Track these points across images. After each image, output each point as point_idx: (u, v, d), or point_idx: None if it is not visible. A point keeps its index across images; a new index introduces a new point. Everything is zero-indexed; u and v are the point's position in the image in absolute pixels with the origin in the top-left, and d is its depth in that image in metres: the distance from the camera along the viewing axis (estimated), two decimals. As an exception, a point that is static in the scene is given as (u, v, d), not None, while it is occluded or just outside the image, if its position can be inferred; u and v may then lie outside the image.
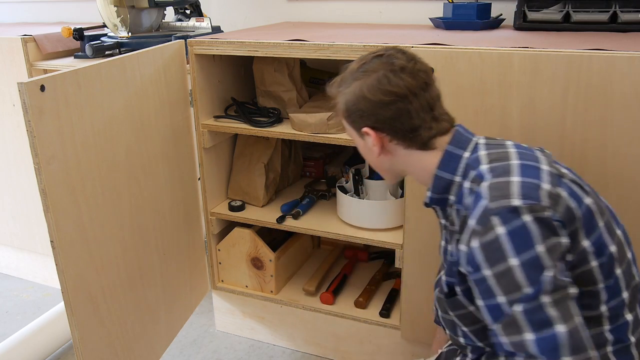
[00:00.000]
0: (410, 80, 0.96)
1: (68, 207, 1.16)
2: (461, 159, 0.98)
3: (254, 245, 1.80)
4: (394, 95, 0.96)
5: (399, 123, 0.98)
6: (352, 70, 1.03)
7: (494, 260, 0.83)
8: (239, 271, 1.86)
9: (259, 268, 1.83)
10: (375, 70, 0.98)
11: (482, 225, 0.84)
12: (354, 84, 1.00)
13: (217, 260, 1.88)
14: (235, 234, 1.81)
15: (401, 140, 1.00)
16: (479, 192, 0.88)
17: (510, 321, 0.83)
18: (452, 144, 0.99)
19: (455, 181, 0.98)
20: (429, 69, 1.01)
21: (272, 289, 1.84)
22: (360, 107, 0.99)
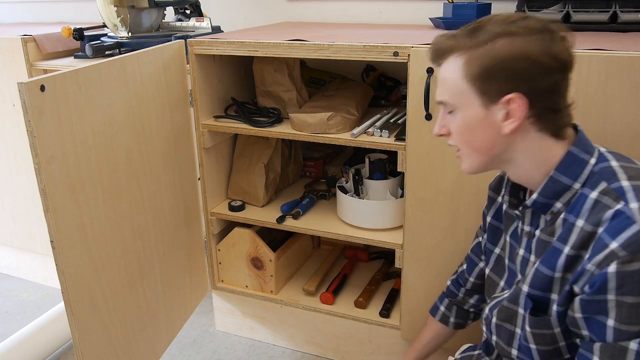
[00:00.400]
0: (570, 53, 0.84)
1: (68, 207, 1.16)
2: (586, 165, 0.87)
3: (254, 245, 1.80)
4: (560, 63, 0.83)
5: (549, 98, 0.85)
6: (499, 22, 0.84)
7: (630, 290, 0.76)
8: (239, 271, 1.86)
9: (259, 268, 1.83)
10: (539, 31, 0.83)
11: (630, 252, 0.75)
12: (507, 39, 0.83)
13: (217, 260, 1.88)
14: (235, 234, 1.81)
15: (541, 120, 0.86)
16: (625, 212, 0.78)
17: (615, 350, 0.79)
18: (578, 145, 0.88)
19: (573, 188, 0.87)
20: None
21: (272, 288, 1.84)
22: (516, 68, 0.82)
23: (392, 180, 1.68)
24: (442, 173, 1.42)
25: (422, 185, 1.45)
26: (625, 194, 0.80)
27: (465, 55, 0.85)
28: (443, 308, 1.29)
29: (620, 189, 0.81)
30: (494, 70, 0.83)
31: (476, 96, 0.86)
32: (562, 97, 0.86)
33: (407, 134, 1.43)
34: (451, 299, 1.28)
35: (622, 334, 0.78)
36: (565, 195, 0.87)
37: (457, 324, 1.28)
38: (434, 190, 1.45)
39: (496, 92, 0.84)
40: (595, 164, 0.87)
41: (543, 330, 0.90)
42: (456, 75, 0.87)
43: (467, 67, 0.85)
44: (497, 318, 0.99)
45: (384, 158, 1.69)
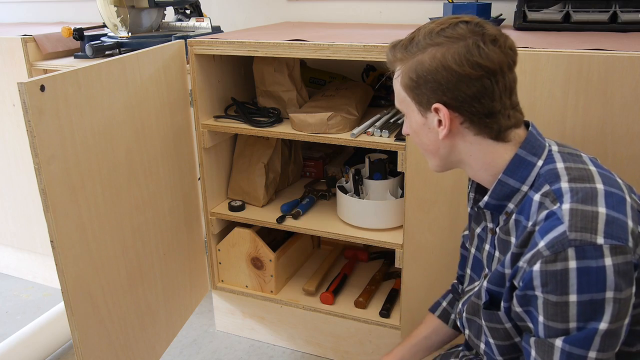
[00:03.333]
0: (501, 55, 0.84)
1: (68, 207, 1.16)
2: (533, 167, 0.88)
3: (254, 245, 1.80)
4: (484, 69, 0.83)
5: (478, 104, 0.85)
6: (429, 33, 0.87)
7: (553, 289, 0.77)
8: (239, 271, 1.86)
9: (259, 268, 1.83)
10: (463, 38, 0.84)
11: (553, 252, 0.77)
12: (432, 50, 0.85)
13: (217, 260, 1.88)
14: (235, 234, 1.81)
15: (475, 125, 0.88)
16: (557, 213, 0.79)
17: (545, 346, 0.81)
18: (525, 147, 0.89)
19: (522, 190, 0.89)
20: (516, 49, 0.88)
21: (272, 289, 1.84)
22: (438, 79, 0.85)
23: (392, 180, 1.68)
24: (442, 173, 1.42)
25: (422, 185, 1.45)
26: (562, 196, 0.81)
27: (401, 67, 0.90)
28: (445, 304, 1.26)
29: (558, 191, 0.83)
30: (420, 81, 0.87)
31: (414, 104, 0.91)
32: (495, 101, 0.86)
33: (407, 134, 1.43)
34: (455, 295, 1.26)
35: (550, 330, 0.80)
36: (515, 197, 0.90)
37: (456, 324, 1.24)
38: (434, 190, 1.45)
39: (426, 102, 0.89)
40: (542, 165, 0.88)
41: (495, 325, 0.93)
42: (398, 85, 0.92)
43: (402, 78, 0.90)
44: (466, 312, 1.02)
45: (384, 158, 1.69)
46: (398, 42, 0.92)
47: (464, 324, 1.04)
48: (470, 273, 1.09)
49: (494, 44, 0.84)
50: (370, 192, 1.69)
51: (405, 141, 1.45)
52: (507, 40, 0.86)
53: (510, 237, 0.92)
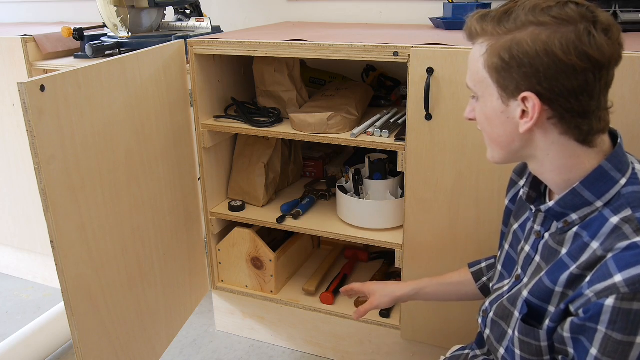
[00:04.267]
0: (612, 47, 0.75)
1: (68, 207, 1.16)
2: (615, 185, 0.79)
3: (254, 245, 1.80)
4: (592, 62, 0.73)
5: (575, 100, 0.75)
6: (531, 8, 0.75)
7: (621, 328, 0.72)
8: (239, 271, 1.86)
9: (259, 268, 1.83)
10: (573, 21, 0.73)
11: (633, 290, 0.70)
12: (535, 30, 0.74)
13: (217, 260, 1.88)
14: (235, 234, 1.81)
15: (564, 123, 0.78)
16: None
17: None
18: (611, 160, 0.80)
19: (595, 205, 0.80)
20: (623, 43, 0.78)
21: (272, 289, 1.84)
22: (536, 64, 0.74)
23: (392, 180, 1.68)
24: (442, 173, 1.42)
25: (422, 185, 1.45)
26: None
27: (488, 42, 0.79)
28: (485, 265, 1.21)
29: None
30: (512, 63, 0.76)
31: (495, 88, 0.80)
32: (593, 99, 0.76)
33: (407, 134, 1.43)
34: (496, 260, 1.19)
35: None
36: (583, 209, 0.82)
37: (485, 286, 1.20)
38: (434, 190, 1.45)
39: (514, 88, 0.78)
40: (625, 185, 0.79)
41: (530, 340, 0.88)
42: (478, 63, 0.81)
43: (488, 56, 0.79)
44: (494, 313, 0.97)
45: (384, 158, 1.69)
46: (488, 12, 0.80)
47: (486, 323, 1.00)
48: (501, 270, 1.04)
49: (605, 34, 0.74)
50: (370, 192, 1.69)
51: (405, 141, 1.45)
52: (619, 32, 0.76)
53: (561, 248, 0.85)
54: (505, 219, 1.08)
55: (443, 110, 1.36)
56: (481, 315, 1.03)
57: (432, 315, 1.58)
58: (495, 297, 1.00)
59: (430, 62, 1.33)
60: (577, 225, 0.83)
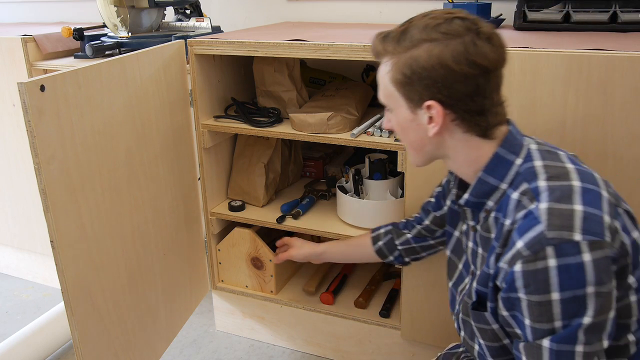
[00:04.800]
0: (496, 53, 0.85)
1: (68, 207, 1.16)
2: (512, 166, 0.89)
3: (254, 245, 1.80)
4: (480, 68, 0.84)
5: (472, 102, 0.86)
6: (424, 27, 0.86)
7: (535, 289, 0.78)
8: (239, 271, 1.86)
9: (259, 268, 1.83)
10: (460, 35, 0.84)
11: (533, 252, 0.78)
12: (428, 46, 0.84)
13: (217, 260, 1.88)
14: (235, 234, 1.81)
15: (465, 122, 0.88)
16: (534, 213, 0.80)
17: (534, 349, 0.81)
18: (505, 146, 0.90)
19: (501, 188, 0.90)
20: (506, 46, 0.89)
21: (272, 288, 1.84)
22: (433, 76, 0.84)
23: (392, 180, 1.68)
24: (442, 173, 1.42)
25: (422, 185, 1.45)
26: (539, 195, 0.82)
27: (391, 60, 0.89)
28: (383, 230, 1.37)
29: (536, 189, 0.83)
30: (413, 78, 0.86)
31: (403, 100, 0.90)
32: (486, 99, 0.87)
33: (407, 134, 1.43)
34: (394, 228, 1.35)
35: (537, 332, 0.80)
36: (495, 194, 0.91)
37: (381, 250, 1.36)
38: (434, 190, 1.45)
39: (418, 98, 0.88)
40: (521, 164, 0.89)
41: (484, 326, 0.94)
42: (385, 79, 0.91)
43: (392, 72, 0.89)
44: (462, 313, 1.03)
45: (384, 158, 1.69)
46: (388, 33, 0.91)
47: (460, 325, 1.05)
48: (462, 269, 1.09)
49: (489, 42, 0.84)
50: (370, 192, 1.69)
51: (405, 141, 1.45)
52: (500, 38, 0.87)
53: (490, 234, 0.94)
54: (450, 219, 1.14)
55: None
56: (455, 318, 1.08)
57: (432, 315, 1.58)
58: (460, 298, 1.06)
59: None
60: (494, 210, 0.92)
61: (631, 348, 0.87)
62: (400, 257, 1.34)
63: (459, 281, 1.10)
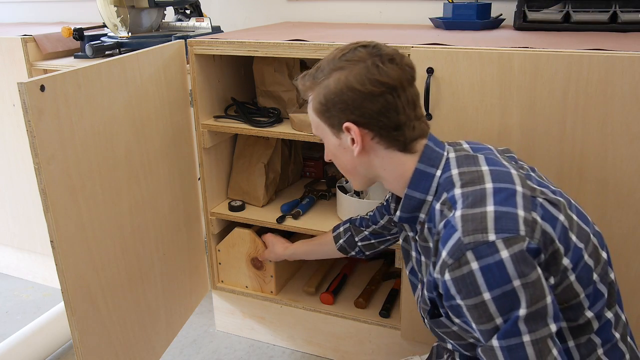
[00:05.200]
0: (399, 71, 0.92)
1: (68, 207, 1.16)
2: (433, 178, 0.94)
3: (254, 246, 1.80)
4: (384, 86, 0.90)
5: (385, 118, 0.92)
6: (332, 59, 0.95)
7: (467, 294, 0.81)
8: (239, 271, 1.86)
9: (258, 268, 1.83)
10: (363, 60, 0.92)
11: (455, 259, 0.81)
12: (336, 74, 0.93)
13: (217, 261, 1.88)
14: (235, 234, 1.81)
15: (384, 139, 0.94)
16: (451, 221, 0.85)
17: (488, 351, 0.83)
18: (423, 161, 0.95)
19: (427, 200, 0.95)
20: (413, 65, 0.96)
21: (272, 289, 1.84)
22: (344, 99, 0.92)
23: (392, 180, 1.68)
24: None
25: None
26: (456, 203, 0.87)
27: (312, 93, 0.97)
28: (342, 229, 1.44)
29: (452, 198, 0.88)
30: (328, 104, 0.94)
31: (327, 127, 0.98)
32: (400, 114, 0.92)
33: (407, 134, 1.43)
34: (352, 226, 1.42)
35: (484, 333, 0.83)
36: (424, 207, 0.96)
37: (342, 247, 1.44)
38: (434, 190, 1.45)
39: (337, 122, 0.95)
40: (440, 175, 0.94)
41: (445, 329, 0.97)
42: (311, 111, 0.99)
43: (313, 103, 0.97)
44: (425, 319, 1.05)
45: (384, 158, 1.69)
46: (306, 72, 0.98)
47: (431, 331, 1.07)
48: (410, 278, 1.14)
49: (391, 62, 0.91)
50: (370, 192, 1.69)
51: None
52: (403, 59, 0.93)
53: (429, 243, 0.98)
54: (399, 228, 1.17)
55: (443, 110, 1.36)
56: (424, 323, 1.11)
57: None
58: (418, 305, 1.09)
59: (430, 62, 1.33)
60: (426, 222, 0.96)
61: (593, 323, 0.90)
62: (361, 252, 1.42)
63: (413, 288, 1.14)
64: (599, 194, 1.28)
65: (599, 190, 1.28)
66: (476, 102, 1.32)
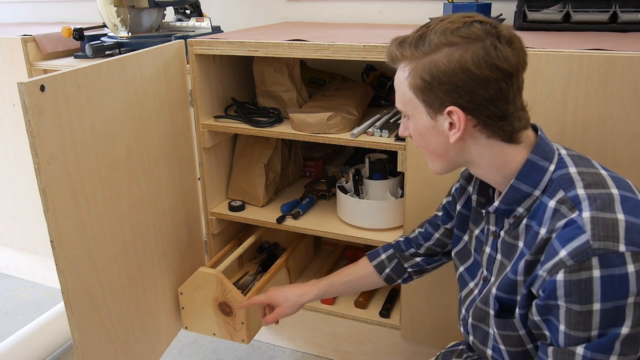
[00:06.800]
0: (517, 56, 0.83)
1: (68, 207, 1.16)
2: (545, 172, 0.87)
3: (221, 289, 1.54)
4: (502, 72, 0.82)
5: (494, 106, 0.84)
6: (443, 31, 0.83)
7: (577, 299, 0.77)
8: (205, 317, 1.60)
9: (227, 314, 1.58)
10: (480, 38, 0.81)
11: (577, 261, 0.76)
12: (448, 50, 0.82)
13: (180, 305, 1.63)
14: (199, 275, 1.57)
15: (488, 127, 0.86)
16: (577, 222, 0.79)
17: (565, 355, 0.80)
18: (537, 152, 0.87)
19: (534, 195, 0.88)
20: (526, 51, 0.87)
21: (243, 337, 1.58)
22: (454, 81, 0.82)
23: (392, 180, 1.68)
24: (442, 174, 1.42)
25: (422, 185, 1.45)
26: (580, 203, 0.81)
27: (409, 65, 0.86)
28: (384, 257, 1.29)
29: (575, 198, 0.82)
30: (433, 83, 0.84)
31: (422, 106, 0.88)
32: (509, 103, 0.84)
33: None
34: (397, 252, 1.29)
35: (571, 339, 0.79)
36: (526, 201, 0.89)
37: (389, 277, 1.29)
38: (434, 190, 1.45)
39: (438, 104, 0.86)
40: (554, 170, 0.87)
41: (509, 332, 0.92)
42: (403, 85, 0.89)
43: (410, 78, 0.87)
44: (472, 318, 1.01)
45: (384, 158, 1.69)
46: (404, 38, 0.88)
47: (468, 330, 1.03)
48: (464, 275, 1.09)
49: (509, 45, 0.82)
50: (370, 192, 1.69)
51: (405, 141, 1.45)
52: (521, 42, 0.85)
53: (518, 242, 0.91)
54: (459, 223, 1.12)
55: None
56: (461, 324, 1.07)
57: (432, 315, 1.58)
58: (469, 302, 1.05)
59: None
60: (526, 217, 0.89)
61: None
62: (409, 278, 1.31)
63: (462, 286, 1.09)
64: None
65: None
66: (476, 102, 1.32)
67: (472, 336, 1.02)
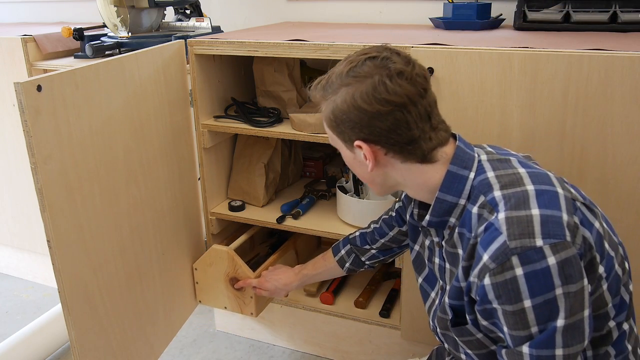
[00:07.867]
0: (409, 86, 0.87)
1: (65, 206, 1.16)
2: (467, 180, 0.90)
3: (232, 265, 1.66)
4: (392, 104, 0.86)
5: (396, 135, 0.88)
6: (339, 74, 0.91)
7: (507, 299, 0.79)
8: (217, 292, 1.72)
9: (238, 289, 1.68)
10: (369, 75, 0.87)
11: (498, 263, 0.79)
12: (343, 91, 0.89)
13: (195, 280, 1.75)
14: (212, 252, 1.68)
15: (398, 154, 0.91)
16: (494, 224, 0.82)
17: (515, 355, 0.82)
18: (455, 163, 0.91)
19: (460, 204, 0.91)
20: (426, 72, 0.92)
21: (252, 310, 1.69)
22: (352, 118, 0.88)
23: (391, 181, 1.67)
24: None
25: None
26: (497, 205, 0.84)
27: (322, 106, 0.94)
28: (344, 252, 1.38)
29: (493, 201, 0.85)
30: (338, 121, 0.91)
31: (340, 141, 0.94)
32: (412, 129, 0.88)
33: (407, 134, 1.43)
34: (354, 247, 1.36)
35: (515, 339, 0.81)
36: (455, 211, 0.92)
37: (350, 269, 1.39)
38: (433, 191, 1.44)
39: (348, 139, 0.92)
40: (474, 177, 0.90)
41: (468, 337, 0.94)
42: (324, 123, 0.96)
43: (324, 117, 0.94)
44: (439, 328, 1.02)
45: (384, 158, 1.69)
46: (318, 81, 0.95)
47: (441, 339, 1.05)
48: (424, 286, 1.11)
49: (400, 77, 0.86)
50: (370, 192, 1.68)
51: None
52: (414, 70, 0.88)
53: (457, 250, 0.95)
54: (411, 233, 1.15)
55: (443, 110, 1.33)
56: (434, 333, 1.09)
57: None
58: (433, 313, 1.08)
59: (430, 62, 1.32)
60: (458, 226, 0.93)
61: (613, 334, 0.89)
62: (370, 267, 1.39)
63: (425, 297, 1.11)
64: (599, 194, 1.28)
65: (599, 190, 1.28)
66: (476, 102, 1.32)
67: (446, 344, 1.04)
